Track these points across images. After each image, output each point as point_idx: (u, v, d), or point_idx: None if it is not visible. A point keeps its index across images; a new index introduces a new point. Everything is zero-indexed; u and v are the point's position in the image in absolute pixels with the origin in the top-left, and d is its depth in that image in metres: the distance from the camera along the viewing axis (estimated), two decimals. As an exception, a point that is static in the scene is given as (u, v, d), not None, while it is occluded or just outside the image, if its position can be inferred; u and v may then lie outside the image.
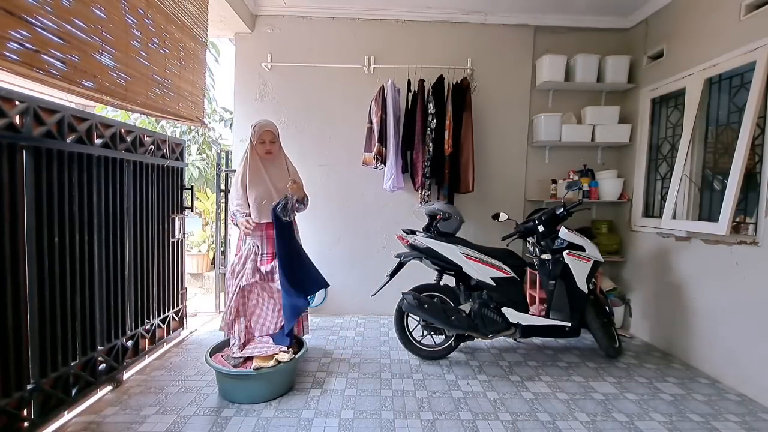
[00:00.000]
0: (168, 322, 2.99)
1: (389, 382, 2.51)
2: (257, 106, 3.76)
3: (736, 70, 2.66)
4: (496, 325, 2.75)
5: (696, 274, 2.87)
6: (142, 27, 2.28)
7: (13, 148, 1.70)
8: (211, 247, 5.24)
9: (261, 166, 2.60)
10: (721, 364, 2.64)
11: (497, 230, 3.38)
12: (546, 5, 3.52)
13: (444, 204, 3.06)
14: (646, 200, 3.47)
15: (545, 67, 3.56)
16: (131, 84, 2.19)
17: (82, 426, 2.00)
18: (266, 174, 2.60)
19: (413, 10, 3.65)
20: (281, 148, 2.73)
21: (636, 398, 2.38)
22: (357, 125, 3.65)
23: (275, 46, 3.72)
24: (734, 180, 2.50)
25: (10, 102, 1.69)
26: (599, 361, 2.91)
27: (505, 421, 2.11)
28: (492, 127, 3.79)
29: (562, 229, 2.88)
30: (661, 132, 3.40)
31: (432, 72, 3.60)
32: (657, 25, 3.38)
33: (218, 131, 6.67)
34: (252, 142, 2.62)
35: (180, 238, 3.12)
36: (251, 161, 2.59)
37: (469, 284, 2.86)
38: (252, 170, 2.57)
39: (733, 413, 2.24)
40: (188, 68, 2.81)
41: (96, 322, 2.22)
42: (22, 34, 1.53)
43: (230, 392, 2.28)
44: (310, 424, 2.05)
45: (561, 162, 3.84)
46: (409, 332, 2.86)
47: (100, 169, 2.23)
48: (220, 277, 3.88)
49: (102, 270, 2.27)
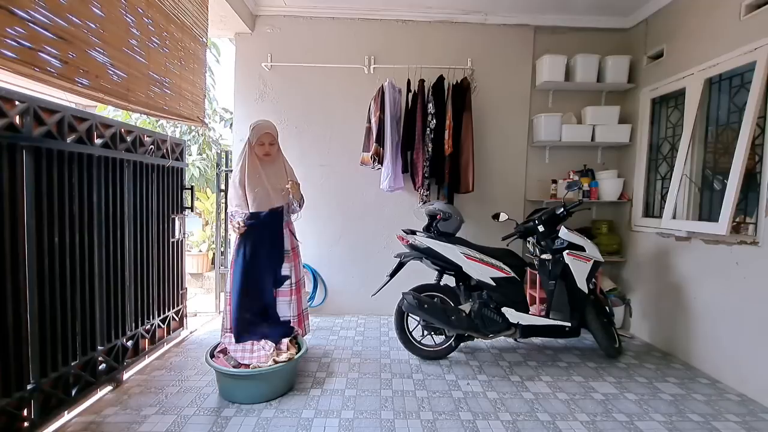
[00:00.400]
0: (168, 322, 2.99)
1: (389, 382, 2.51)
2: (257, 106, 3.76)
3: (736, 70, 2.66)
4: (496, 325, 2.75)
5: (696, 274, 2.87)
6: (142, 26, 2.28)
7: (13, 148, 1.70)
8: (211, 247, 5.25)
9: (259, 167, 2.60)
10: (721, 364, 2.64)
11: (497, 230, 3.38)
12: (546, 5, 3.52)
13: (444, 204, 3.06)
14: (647, 200, 3.47)
15: (545, 67, 3.56)
16: (132, 84, 2.19)
17: (82, 426, 2.00)
18: (264, 175, 2.60)
19: (413, 10, 3.65)
20: (280, 150, 2.73)
21: (636, 398, 2.38)
22: (357, 125, 3.65)
23: (275, 46, 3.72)
24: (734, 180, 2.50)
25: (11, 102, 1.69)
26: (599, 361, 2.91)
27: (505, 421, 2.11)
28: (492, 127, 3.79)
29: (562, 229, 2.88)
30: (661, 132, 3.40)
31: (432, 72, 3.60)
32: (657, 25, 3.38)
33: (218, 131, 6.67)
34: (250, 142, 2.61)
35: (180, 238, 3.12)
36: (249, 162, 2.58)
37: (469, 284, 2.86)
38: (250, 171, 2.57)
39: (734, 413, 2.24)
40: (188, 68, 2.81)
41: (96, 322, 2.22)
42: (18, 31, 1.52)
43: (230, 392, 2.28)
44: (311, 424, 2.05)
45: (561, 162, 3.83)
46: (409, 332, 2.86)
47: (100, 169, 2.23)
48: (220, 277, 3.88)
49: (102, 270, 2.27)
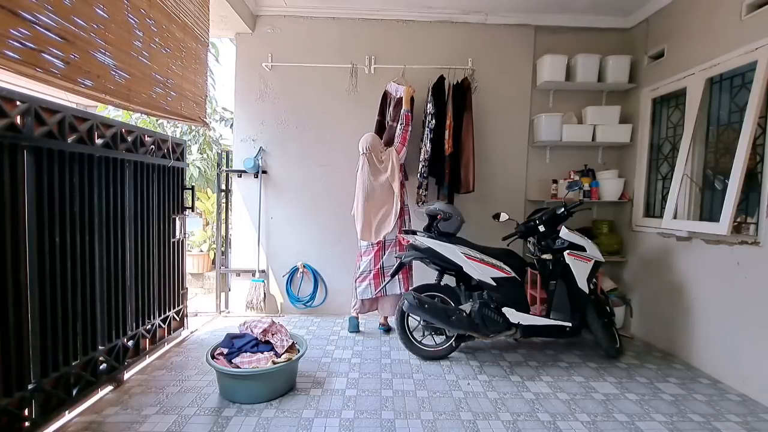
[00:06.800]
0: (169, 322, 2.99)
1: (390, 382, 2.51)
2: (258, 106, 3.76)
3: (737, 69, 2.66)
4: (496, 325, 2.75)
5: (697, 274, 2.86)
6: (144, 27, 2.28)
7: (14, 148, 1.70)
8: (211, 247, 5.25)
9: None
10: (722, 364, 2.64)
11: (498, 230, 3.38)
12: (547, 5, 3.51)
13: (444, 204, 3.07)
14: (647, 200, 3.47)
15: (546, 66, 3.56)
16: (133, 84, 2.20)
17: (83, 426, 2.00)
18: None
19: (413, 10, 3.65)
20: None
21: (637, 398, 2.38)
22: (357, 125, 3.65)
23: (276, 46, 3.72)
24: (735, 180, 2.50)
25: (12, 102, 1.69)
26: (600, 361, 2.90)
27: (505, 421, 2.11)
28: (492, 127, 3.78)
29: (562, 229, 2.87)
30: (662, 132, 3.39)
31: (433, 72, 3.60)
32: (658, 24, 3.37)
33: (219, 131, 6.67)
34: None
35: (181, 238, 3.12)
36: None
37: (470, 284, 2.86)
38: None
39: (734, 413, 2.24)
40: (190, 68, 2.81)
41: (97, 321, 2.22)
42: (22, 32, 1.53)
43: (231, 392, 2.28)
44: (311, 424, 2.05)
45: (562, 162, 3.83)
46: (410, 332, 2.86)
47: (101, 169, 2.23)
48: (221, 277, 3.89)
49: (103, 270, 2.27)
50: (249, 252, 3.83)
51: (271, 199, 3.84)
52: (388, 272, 3.22)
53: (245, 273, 3.85)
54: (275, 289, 3.87)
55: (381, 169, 3.21)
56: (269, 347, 2.40)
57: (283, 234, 3.85)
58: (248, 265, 3.83)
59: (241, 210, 3.85)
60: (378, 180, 3.20)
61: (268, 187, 3.83)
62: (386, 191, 3.21)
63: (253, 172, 3.73)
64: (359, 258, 3.37)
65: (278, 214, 3.85)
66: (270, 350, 2.38)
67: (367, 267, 3.28)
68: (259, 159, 3.72)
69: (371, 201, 3.19)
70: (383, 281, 3.22)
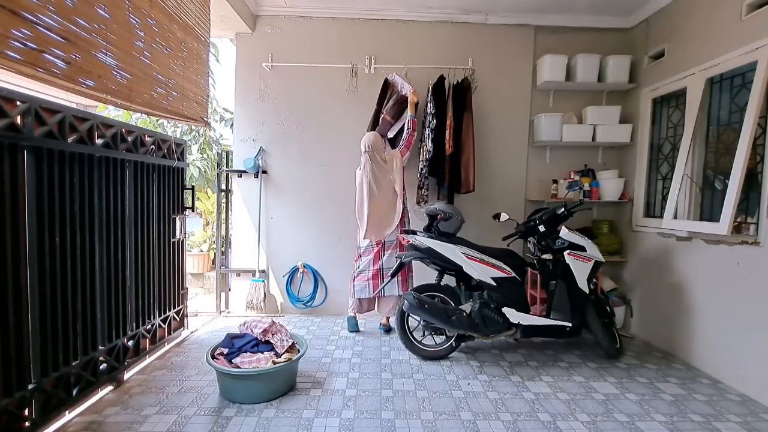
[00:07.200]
0: (169, 322, 2.99)
1: (390, 382, 2.51)
2: (258, 106, 3.77)
3: (737, 69, 2.66)
4: (496, 325, 2.75)
5: (697, 274, 2.86)
6: (146, 27, 2.28)
7: (14, 148, 1.70)
8: (211, 247, 5.25)
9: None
10: (722, 365, 2.64)
11: (498, 230, 3.38)
12: (547, 5, 3.51)
13: (444, 204, 3.07)
14: (647, 200, 3.47)
15: (546, 66, 3.56)
16: (135, 84, 2.20)
17: (83, 426, 2.00)
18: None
19: (413, 10, 3.65)
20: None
21: (637, 398, 2.38)
22: (357, 125, 3.65)
23: (276, 46, 3.72)
24: (735, 180, 2.50)
25: (12, 102, 1.69)
26: (600, 361, 2.90)
27: (505, 421, 2.11)
28: (493, 127, 3.78)
29: (563, 229, 2.87)
30: (662, 132, 3.39)
31: (433, 72, 3.60)
32: (658, 24, 3.37)
33: (219, 131, 6.67)
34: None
35: (181, 238, 3.12)
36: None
37: (470, 284, 2.86)
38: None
39: (735, 413, 2.24)
40: (191, 68, 2.82)
41: (97, 321, 2.22)
42: (24, 32, 1.53)
43: (231, 392, 2.28)
44: (311, 424, 2.05)
45: (562, 162, 3.83)
46: (410, 332, 2.86)
47: (101, 169, 2.23)
48: (221, 277, 3.89)
49: (103, 270, 2.27)
50: (249, 252, 3.83)
51: (271, 199, 3.84)
52: (387, 273, 3.23)
53: (245, 273, 3.85)
54: (275, 289, 3.87)
55: (385, 168, 3.22)
56: (269, 347, 2.40)
57: (283, 234, 3.85)
58: (248, 265, 3.84)
59: (241, 210, 3.85)
60: (382, 178, 3.20)
61: (268, 187, 3.83)
62: (389, 190, 3.22)
63: (253, 172, 3.73)
64: (358, 258, 3.37)
65: (278, 214, 3.85)
66: (270, 350, 2.38)
67: (366, 267, 3.28)
68: (259, 159, 3.72)
69: (375, 200, 3.18)
70: (382, 282, 3.22)
